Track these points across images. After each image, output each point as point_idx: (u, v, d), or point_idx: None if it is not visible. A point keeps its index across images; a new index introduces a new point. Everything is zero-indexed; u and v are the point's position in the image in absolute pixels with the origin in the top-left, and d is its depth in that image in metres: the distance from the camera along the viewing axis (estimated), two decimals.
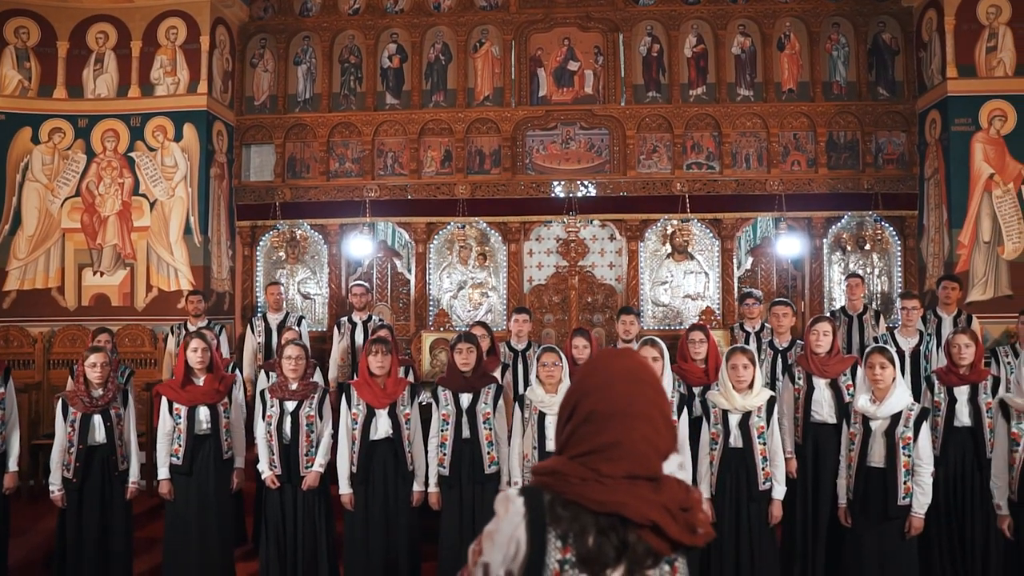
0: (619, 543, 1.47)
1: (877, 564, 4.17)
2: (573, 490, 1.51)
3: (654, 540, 1.47)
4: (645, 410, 1.55)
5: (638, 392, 1.57)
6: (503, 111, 9.06)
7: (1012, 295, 7.92)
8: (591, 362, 1.70)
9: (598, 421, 1.56)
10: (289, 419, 4.78)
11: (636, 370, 1.61)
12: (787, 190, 8.81)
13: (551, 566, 1.49)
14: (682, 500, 1.52)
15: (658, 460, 1.54)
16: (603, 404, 1.57)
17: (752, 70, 9.03)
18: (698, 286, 8.94)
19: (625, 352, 1.69)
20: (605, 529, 1.48)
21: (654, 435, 1.54)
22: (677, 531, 1.47)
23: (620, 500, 1.48)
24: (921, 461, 4.15)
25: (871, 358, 4.26)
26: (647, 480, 1.53)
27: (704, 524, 1.52)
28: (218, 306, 8.86)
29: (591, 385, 1.60)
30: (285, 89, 9.41)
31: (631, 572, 1.48)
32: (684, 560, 1.52)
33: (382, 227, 9.85)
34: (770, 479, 4.37)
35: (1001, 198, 8.09)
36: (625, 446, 1.52)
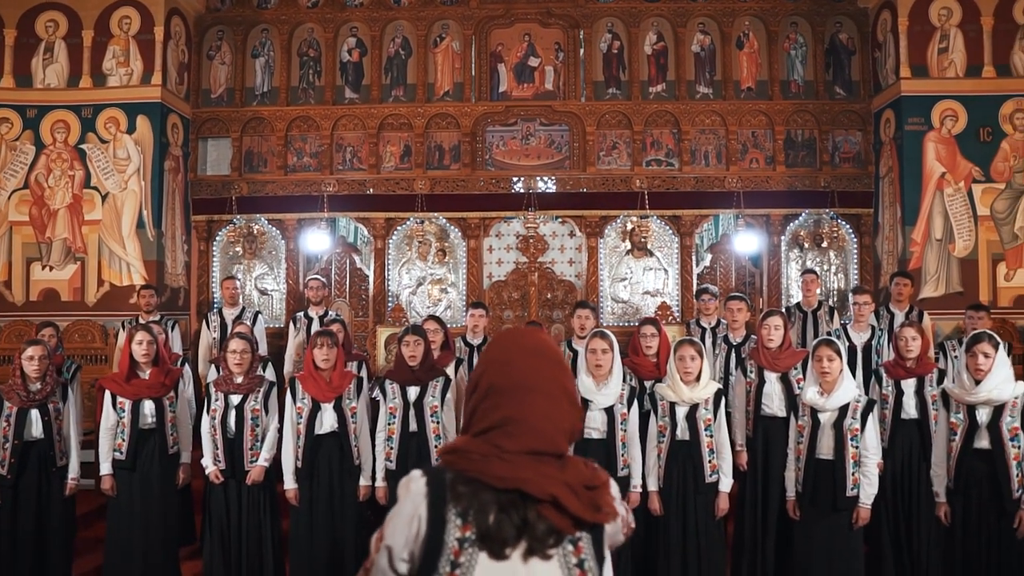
0: (520, 520, 1.44)
1: (825, 556, 4.19)
2: (474, 467, 1.48)
3: (555, 517, 1.44)
4: (544, 386, 1.53)
5: (537, 367, 1.55)
6: (463, 106, 9.02)
7: (963, 292, 8.05)
8: (495, 339, 1.68)
9: (496, 396, 1.53)
10: (234, 413, 4.70)
11: (536, 346, 1.58)
12: (745, 187, 8.87)
13: (450, 544, 1.45)
14: (588, 479, 1.50)
15: (561, 437, 1.52)
16: (502, 379, 1.54)
17: (711, 68, 9.08)
18: (657, 283, 8.97)
19: (528, 329, 1.67)
20: (506, 506, 1.45)
21: (555, 411, 1.52)
22: (579, 507, 1.45)
23: (521, 476, 1.45)
24: (867, 452, 4.19)
25: (819, 351, 4.29)
26: (552, 457, 1.50)
27: (609, 505, 1.49)
28: (172, 301, 8.71)
29: (491, 360, 1.59)
30: (242, 82, 9.27)
31: (532, 550, 1.45)
32: (590, 539, 1.48)
33: (343, 223, 9.76)
34: (717, 471, 4.38)
35: (952, 196, 8.21)
36: (525, 422, 1.50)
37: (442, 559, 1.45)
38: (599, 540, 1.50)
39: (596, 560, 1.49)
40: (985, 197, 8.22)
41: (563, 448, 1.52)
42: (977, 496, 4.08)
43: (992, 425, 4.04)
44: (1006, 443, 4.00)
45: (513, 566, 1.45)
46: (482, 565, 1.45)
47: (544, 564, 1.45)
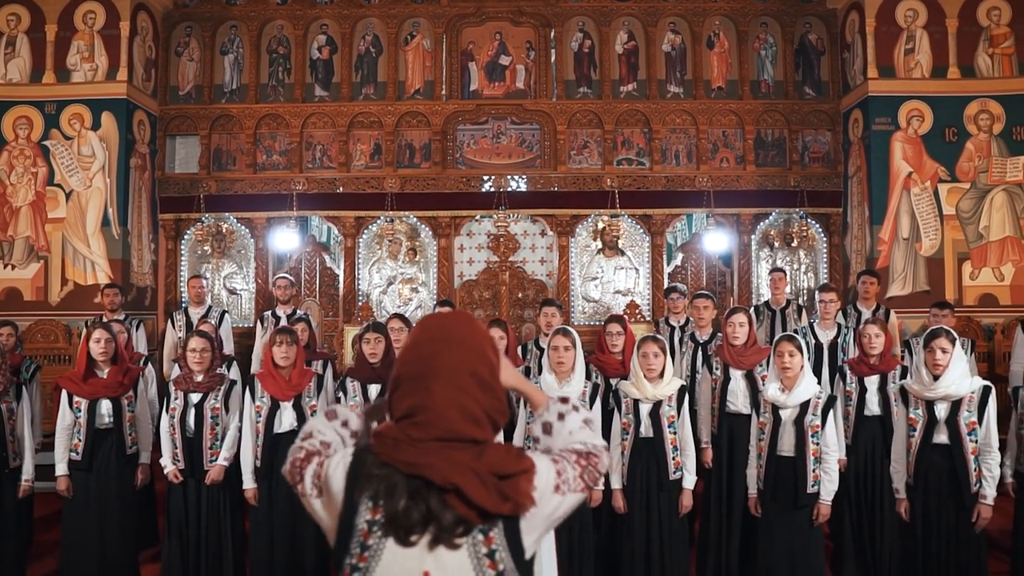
0: (426, 508, 1.42)
1: (786, 552, 4.19)
2: (387, 451, 1.47)
3: (460, 506, 1.42)
4: (448, 372, 1.50)
5: (442, 353, 1.52)
6: (434, 105, 8.98)
7: (929, 290, 8.13)
8: (415, 326, 1.64)
9: (403, 385, 1.53)
10: (193, 411, 4.62)
11: (443, 332, 1.56)
12: (716, 187, 8.90)
13: (360, 526, 1.45)
14: (502, 467, 1.46)
15: (470, 424, 1.49)
16: (406, 367, 1.54)
17: (682, 67, 9.11)
18: (628, 282, 8.98)
19: (442, 315, 1.64)
20: (414, 493, 1.43)
21: (462, 397, 1.48)
22: (482, 496, 1.41)
23: (426, 462, 1.43)
24: (828, 448, 4.18)
25: (780, 346, 4.29)
26: (466, 443, 1.47)
27: (524, 495, 1.46)
28: (139, 301, 8.60)
29: (403, 349, 1.58)
30: (211, 79, 9.18)
31: (438, 539, 1.42)
32: (502, 531, 1.45)
33: (316, 223, 9.69)
34: (681, 469, 4.36)
35: (919, 196, 8.29)
36: (429, 409, 1.48)
37: (353, 540, 1.45)
38: (514, 530, 1.46)
39: (510, 551, 1.45)
40: (951, 197, 8.31)
41: (475, 434, 1.49)
42: (936, 491, 4.10)
43: (950, 420, 4.06)
44: (964, 438, 4.03)
45: (420, 554, 1.43)
46: (389, 550, 1.43)
47: (452, 553, 1.43)
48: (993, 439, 4.04)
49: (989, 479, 4.01)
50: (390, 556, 1.43)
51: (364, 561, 1.43)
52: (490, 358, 1.56)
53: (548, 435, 1.70)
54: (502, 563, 1.45)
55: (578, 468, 1.57)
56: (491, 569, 1.44)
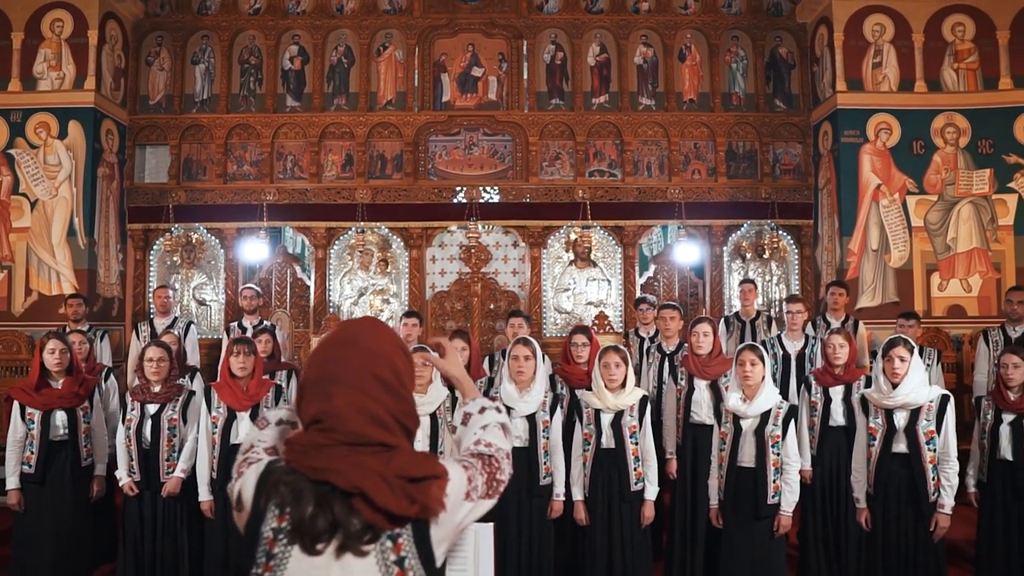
0: (333, 515, 1.39)
1: (747, 564, 4.16)
2: (296, 458, 1.44)
3: (367, 511, 1.39)
4: (351, 376, 1.47)
5: (344, 357, 1.50)
6: (406, 115, 8.96)
7: (899, 301, 8.17)
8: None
9: (307, 391, 1.51)
10: (150, 423, 4.55)
11: (348, 336, 1.54)
12: (687, 198, 8.93)
13: (265, 534, 1.41)
14: (412, 471, 1.43)
15: (377, 428, 1.46)
16: (310, 373, 1.52)
17: (654, 80, 9.15)
18: (600, 293, 8.97)
19: (352, 320, 1.62)
20: (321, 499, 1.40)
21: (365, 401, 1.46)
22: (388, 499, 1.38)
23: (331, 466, 1.40)
24: (788, 459, 4.16)
25: (741, 355, 4.27)
26: (376, 447, 1.44)
27: (434, 499, 1.43)
28: (106, 311, 8.49)
29: (310, 355, 1.55)
30: (182, 89, 9.11)
31: (345, 546, 1.39)
32: (411, 538, 1.42)
33: (290, 235, 9.62)
34: (642, 479, 4.33)
35: (888, 208, 8.36)
36: (333, 415, 1.45)
37: (258, 549, 1.41)
38: (423, 536, 1.43)
39: (420, 558, 1.42)
40: (919, 209, 8.38)
41: (384, 438, 1.46)
42: (896, 500, 4.10)
43: (909, 429, 4.07)
44: (922, 446, 4.04)
45: (326, 562, 1.39)
46: (295, 559, 1.40)
47: (359, 561, 1.40)
48: (951, 448, 4.05)
49: (947, 488, 4.01)
50: (296, 565, 1.39)
51: (269, 570, 1.40)
52: (396, 362, 1.53)
53: (464, 425, 1.73)
54: (411, 571, 1.42)
55: (485, 475, 1.57)
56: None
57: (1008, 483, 4.45)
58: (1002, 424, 4.52)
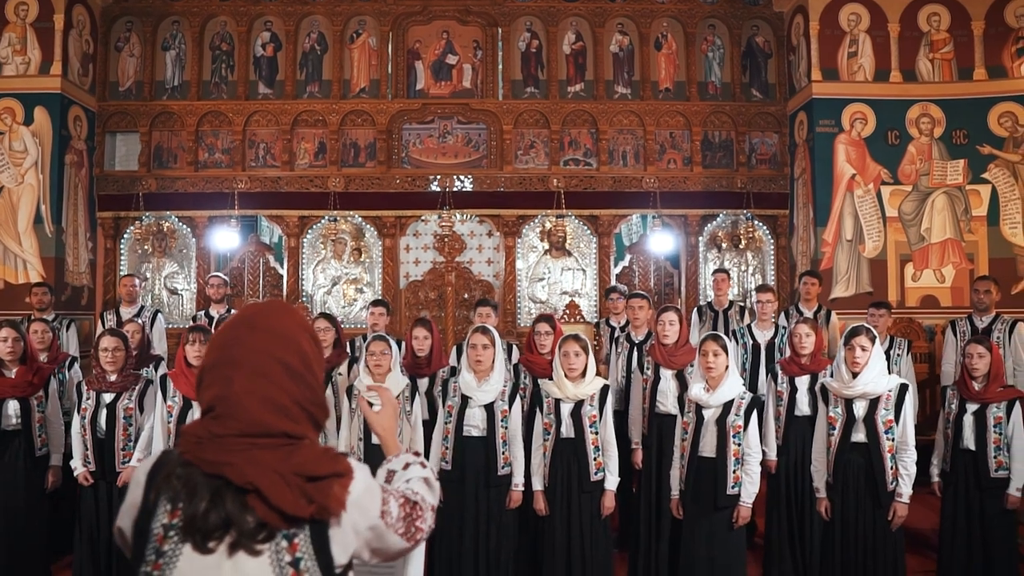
0: (226, 511, 1.32)
1: (706, 555, 4.13)
2: (190, 449, 1.37)
3: (261, 508, 1.32)
4: (252, 359, 1.40)
5: (244, 340, 1.42)
6: (379, 103, 8.87)
7: (872, 291, 8.17)
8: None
9: (205, 376, 1.42)
10: (105, 412, 4.48)
11: (250, 318, 1.46)
12: (663, 188, 8.88)
13: (155, 530, 1.34)
14: (313, 468, 1.36)
15: (279, 416, 1.39)
16: (208, 357, 1.44)
17: (630, 68, 9.09)
18: (575, 283, 8.92)
19: (256, 303, 1.54)
20: (215, 494, 1.33)
21: (266, 387, 1.38)
22: (282, 498, 1.31)
23: (226, 460, 1.33)
24: (750, 450, 4.12)
25: (704, 345, 4.23)
26: (276, 439, 1.37)
27: (333, 499, 1.36)
28: (75, 300, 8.38)
29: (210, 339, 1.48)
30: (152, 75, 8.98)
31: (237, 544, 1.32)
32: (308, 538, 1.35)
33: (267, 224, 9.53)
34: (603, 469, 4.29)
35: (862, 198, 8.34)
36: (230, 400, 1.37)
37: (148, 546, 1.34)
38: (322, 538, 1.36)
39: (318, 560, 1.35)
40: (893, 199, 8.36)
41: (287, 427, 1.39)
42: (854, 489, 4.08)
43: (868, 418, 4.04)
44: (881, 436, 4.01)
45: (218, 560, 1.32)
46: (186, 557, 1.33)
47: (252, 560, 1.33)
48: (909, 437, 4.03)
49: (905, 477, 3.99)
50: (186, 563, 1.32)
51: (158, 569, 1.33)
52: (304, 347, 1.45)
53: (388, 484, 1.66)
54: (307, 572, 1.35)
55: (402, 511, 1.50)
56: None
57: (970, 472, 4.45)
58: (966, 414, 4.51)
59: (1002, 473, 4.35)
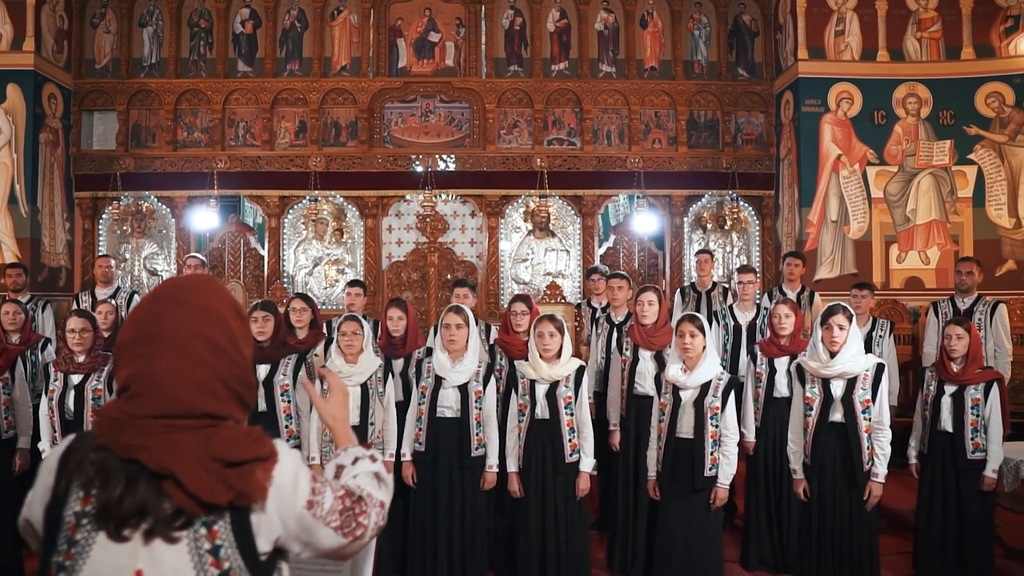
0: (141, 497, 1.25)
1: (683, 536, 4.09)
2: (105, 432, 1.29)
3: (178, 495, 1.25)
4: (175, 336, 1.31)
5: (166, 315, 1.33)
6: (360, 81, 8.73)
7: (857, 273, 8.12)
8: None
9: (122, 354, 1.34)
10: (73, 393, 4.41)
11: (172, 292, 1.37)
12: (647, 168, 8.80)
13: (67, 519, 1.27)
14: (234, 452, 1.29)
15: (203, 395, 1.31)
16: (125, 333, 1.35)
17: (615, 47, 8.97)
18: (559, 264, 8.85)
19: (181, 276, 1.46)
20: (130, 480, 1.26)
21: (189, 364, 1.31)
22: (199, 484, 1.24)
23: (141, 443, 1.26)
24: (727, 431, 4.07)
25: (681, 326, 4.16)
26: (200, 419, 1.30)
27: (255, 486, 1.29)
28: (52, 281, 8.27)
29: (128, 315, 1.39)
30: (129, 52, 8.82)
31: (153, 532, 1.25)
32: (228, 525, 1.28)
33: (250, 206, 9.42)
34: (578, 451, 4.24)
35: (848, 179, 8.28)
36: (148, 379, 1.30)
37: (60, 535, 1.27)
38: (243, 525, 1.29)
39: (239, 547, 1.29)
40: (879, 180, 8.30)
41: (211, 407, 1.32)
42: (832, 470, 4.04)
43: (846, 398, 4.00)
44: (858, 416, 3.97)
45: (133, 549, 1.25)
46: (99, 545, 1.25)
47: (170, 548, 1.26)
48: (885, 417, 4.00)
49: (881, 457, 3.96)
50: (100, 552, 1.25)
51: (70, 559, 1.26)
52: (229, 323, 1.38)
53: (336, 479, 1.56)
54: (228, 561, 1.28)
55: (339, 505, 1.39)
56: (214, 567, 1.27)
57: (948, 454, 4.42)
58: (944, 396, 4.47)
59: (979, 455, 4.32)
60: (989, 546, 4.41)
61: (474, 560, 4.21)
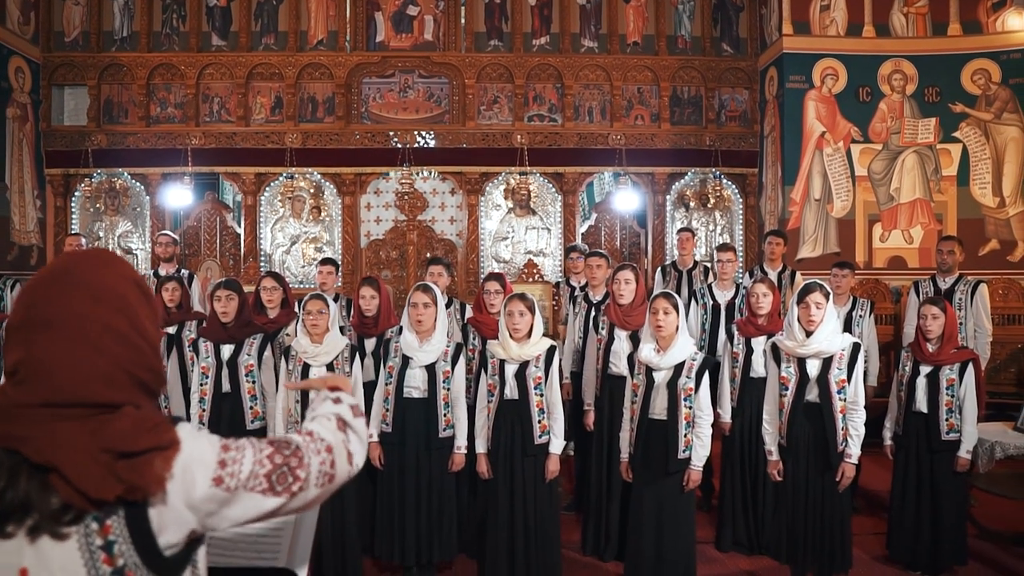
0: (24, 491, 1.15)
1: (655, 518, 4.02)
2: None
3: (65, 490, 1.15)
4: (68, 320, 1.20)
5: (58, 296, 1.22)
6: (337, 56, 8.55)
7: (840, 251, 8.05)
8: None
9: (10, 336, 1.23)
10: None
11: (67, 270, 1.25)
12: (630, 145, 8.68)
13: None
14: (129, 443, 1.18)
15: (98, 383, 1.20)
16: (15, 316, 1.24)
17: (597, 21, 8.81)
18: (540, 242, 8.74)
19: (75, 251, 1.34)
20: (13, 472, 1.15)
21: (82, 351, 1.20)
22: (85, 478, 1.14)
23: (24, 434, 1.15)
24: (701, 412, 3.99)
25: (655, 303, 4.07)
26: (96, 408, 1.20)
27: (150, 479, 1.19)
28: (23, 260, 8.10)
29: (18, 296, 1.27)
30: (99, 25, 8.61)
31: (40, 528, 1.15)
32: (123, 520, 1.18)
33: (229, 184, 9.25)
34: (547, 432, 4.15)
35: (831, 156, 8.18)
36: (33, 365, 1.19)
37: None
38: (139, 519, 1.19)
39: (135, 544, 1.19)
40: (863, 158, 8.21)
41: (109, 396, 1.21)
42: (806, 451, 3.98)
43: (821, 378, 3.93)
44: (833, 396, 3.90)
45: (18, 546, 1.15)
46: None
47: (58, 545, 1.15)
48: (860, 397, 3.93)
49: (855, 437, 3.90)
50: None
51: None
52: (130, 303, 1.26)
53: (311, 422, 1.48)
54: (122, 557, 1.18)
55: (266, 466, 1.28)
56: (107, 564, 1.17)
57: (922, 435, 4.37)
58: (919, 376, 4.42)
59: (953, 436, 4.27)
60: (962, 527, 4.38)
61: (441, 542, 4.14)
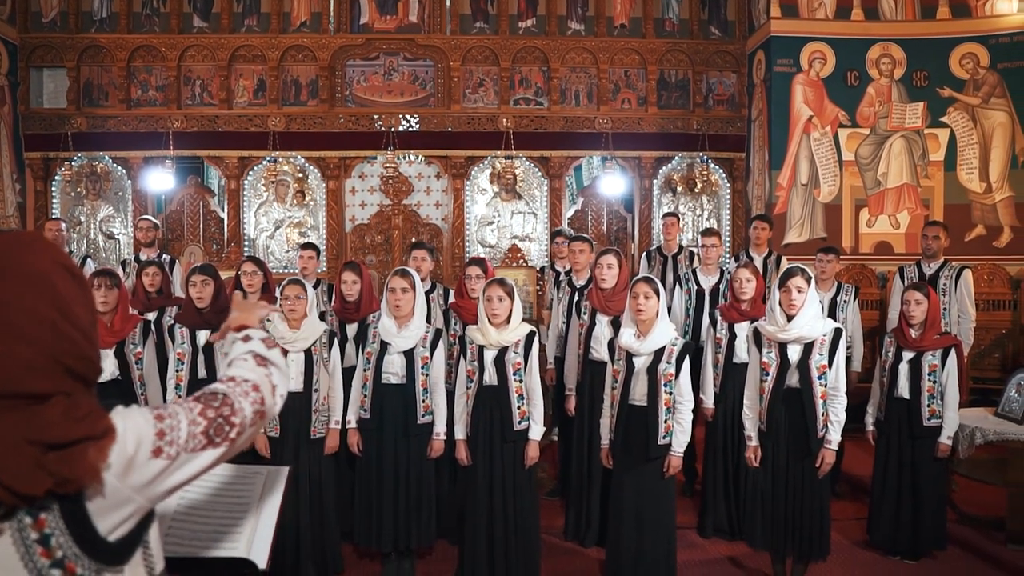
0: None
1: (634, 504, 4.00)
2: None
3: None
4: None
5: None
6: (321, 38, 8.44)
7: (826, 237, 8.02)
8: None
9: None
10: None
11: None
12: (616, 128, 8.61)
13: None
14: (59, 434, 1.13)
15: (22, 375, 1.15)
16: None
17: (584, 3, 8.72)
18: (526, 227, 8.69)
19: (4, 234, 1.28)
20: None
21: (9, 343, 1.14)
22: (8, 473, 1.09)
23: None
24: (682, 398, 3.96)
25: (635, 287, 4.03)
26: (25, 399, 1.15)
27: (83, 470, 1.14)
28: None
29: None
30: (78, 6, 8.47)
31: None
32: (58, 513, 1.14)
33: (214, 169, 9.15)
34: (527, 419, 4.12)
35: (819, 141, 8.14)
36: None
37: None
38: (76, 511, 1.15)
39: (73, 535, 1.15)
40: (850, 142, 8.17)
41: (37, 386, 1.15)
42: (786, 436, 3.96)
43: (802, 363, 3.90)
44: (814, 381, 3.88)
45: None
46: None
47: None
48: (841, 383, 3.91)
49: (835, 423, 3.88)
50: None
51: None
52: (57, 289, 1.20)
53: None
54: (60, 549, 1.13)
55: (203, 422, 1.27)
56: (44, 558, 1.13)
57: (904, 421, 4.36)
58: (901, 362, 4.41)
59: (935, 422, 4.26)
60: (942, 512, 4.38)
61: (419, 528, 4.11)
